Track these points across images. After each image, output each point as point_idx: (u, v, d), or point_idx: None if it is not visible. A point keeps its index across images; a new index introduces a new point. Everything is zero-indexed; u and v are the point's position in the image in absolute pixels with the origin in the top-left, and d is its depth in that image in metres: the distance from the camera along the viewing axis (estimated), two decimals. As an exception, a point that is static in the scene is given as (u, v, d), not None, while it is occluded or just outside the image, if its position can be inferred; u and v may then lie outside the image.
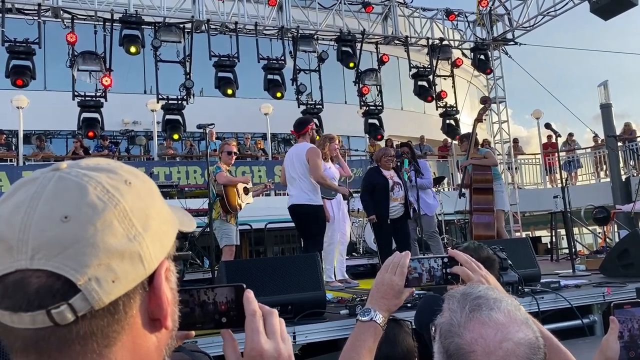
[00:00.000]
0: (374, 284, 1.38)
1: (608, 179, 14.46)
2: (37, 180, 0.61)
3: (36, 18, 9.05)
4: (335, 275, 6.32)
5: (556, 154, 12.37)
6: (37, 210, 0.58)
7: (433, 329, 1.15)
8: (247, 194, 6.80)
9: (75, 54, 9.16)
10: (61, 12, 9.32)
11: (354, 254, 9.05)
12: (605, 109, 13.44)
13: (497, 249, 3.35)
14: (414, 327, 2.38)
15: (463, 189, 7.43)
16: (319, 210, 5.88)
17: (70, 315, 0.57)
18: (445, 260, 1.33)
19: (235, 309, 0.80)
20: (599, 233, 11.63)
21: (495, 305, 1.07)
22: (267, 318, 0.80)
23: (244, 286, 0.81)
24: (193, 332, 0.82)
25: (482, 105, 7.80)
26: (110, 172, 0.63)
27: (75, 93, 9.21)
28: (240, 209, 6.70)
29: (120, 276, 0.59)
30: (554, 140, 12.74)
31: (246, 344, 0.78)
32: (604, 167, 15.71)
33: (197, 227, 8.74)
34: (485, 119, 7.98)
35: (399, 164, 6.90)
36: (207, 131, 6.38)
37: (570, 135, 16.72)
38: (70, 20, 9.34)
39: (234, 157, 6.89)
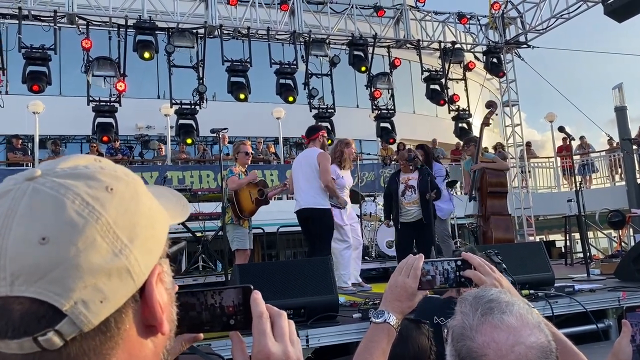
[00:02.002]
0: (388, 286, 1.38)
1: (623, 183, 14.31)
2: (10, 193, 0.56)
3: (52, 24, 9.17)
4: (350, 280, 6.30)
5: (571, 157, 12.26)
6: (12, 231, 0.54)
7: (445, 331, 1.15)
8: (262, 196, 6.77)
9: (90, 59, 9.26)
10: (76, 18, 9.43)
11: (366, 257, 9.04)
12: (620, 111, 13.33)
13: (492, 253, 3.38)
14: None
15: (473, 192, 7.38)
16: (328, 213, 5.94)
17: (59, 340, 0.54)
18: (459, 263, 1.33)
19: (243, 311, 0.78)
20: (614, 237, 11.51)
21: (507, 309, 1.07)
22: (276, 320, 0.77)
23: (252, 287, 0.79)
24: (202, 335, 0.80)
25: (488, 110, 7.77)
26: (90, 179, 0.58)
27: (90, 98, 9.31)
28: (253, 214, 6.71)
29: (109, 295, 0.56)
30: (568, 144, 12.63)
31: (253, 346, 0.76)
32: (619, 170, 15.56)
33: (210, 230, 8.79)
34: (491, 123, 7.92)
35: (412, 166, 6.84)
36: (220, 135, 6.42)
37: (582, 138, 16.57)
38: (85, 27, 9.45)
39: (250, 157, 6.95)
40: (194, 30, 9.92)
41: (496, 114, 9.14)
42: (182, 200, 0.74)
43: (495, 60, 12.18)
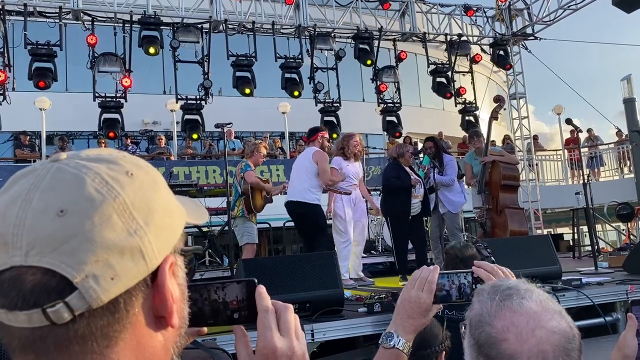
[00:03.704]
0: (400, 300, 1.29)
1: (632, 175, 14.20)
2: (36, 171, 0.59)
3: (57, 21, 9.19)
4: (349, 274, 6.30)
5: (578, 150, 12.17)
6: (33, 203, 0.55)
7: (463, 328, 1.12)
8: (268, 194, 6.86)
9: (96, 55, 9.29)
10: (81, 14, 9.46)
11: (372, 252, 9.03)
12: (629, 103, 13.19)
13: (482, 247, 3.42)
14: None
15: (483, 186, 7.32)
16: (316, 209, 5.99)
17: (67, 314, 0.54)
18: (476, 276, 1.25)
19: (247, 305, 0.77)
20: (623, 230, 11.43)
21: (526, 295, 1.03)
22: (282, 314, 0.76)
23: (256, 281, 0.78)
24: (205, 329, 0.79)
25: (497, 104, 7.70)
26: (111, 163, 0.60)
27: (96, 94, 9.34)
28: (262, 209, 6.77)
29: (120, 273, 0.56)
30: (576, 136, 12.56)
31: (258, 341, 0.75)
32: (628, 162, 15.43)
33: (217, 225, 8.80)
34: (499, 117, 7.84)
35: (417, 161, 6.87)
36: (224, 130, 6.43)
37: (590, 130, 16.45)
38: (90, 23, 9.48)
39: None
40: (199, 25, 9.92)
41: (504, 109, 9.09)
42: (202, 207, 0.75)
43: (502, 52, 12.10)
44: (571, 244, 10.37)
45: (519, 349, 0.97)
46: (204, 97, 9.79)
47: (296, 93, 10.18)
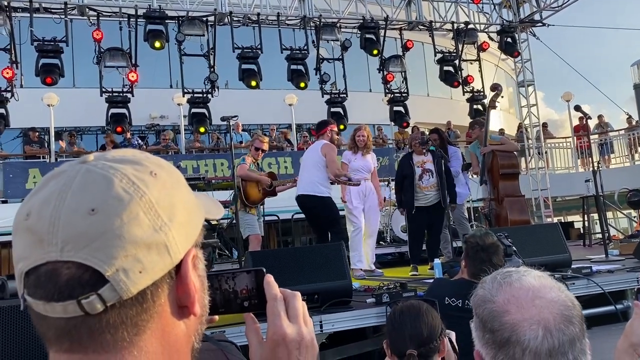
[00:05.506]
0: None
1: (643, 161, 14.07)
2: (65, 173, 0.63)
3: (63, 17, 9.21)
4: (362, 264, 6.30)
5: (588, 137, 12.06)
6: (65, 203, 0.59)
7: (471, 323, 1.12)
8: (270, 187, 6.80)
9: (102, 50, 9.31)
10: (87, 9, 9.47)
11: (381, 242, 9.01)
12: (639, 89, 13.05)
13: (502, 236, 3.40)
14: None
15: (484, 176, 7.28)
16: (326, 201, 6.02)
17: (100, 305, 0.58)
18: None
19: (257, 293, 0.80)
20: (634, 217, 11.35)
21: (525, 274, 1.09)
22: (290, 301, 0.79)
23: (264, 270, 0.81)
24: (217, 317, 0.82)
25: (494, 92, 7.64)
26: (136, 164, 0.64)
27: (103, 89, 9.36)
28: (258, 203, 6.75)
29: (147, 267, 0.60)
30: (585, 123, 12.45)
31: (268, 328, 0.77)
32: (639, 149, 15.29)
33: (225, 218, 8.83)
34: (497, 105, 7.76)
35: (426, 150, 6.77)
36: (230, 123, 6.43)
37: (600, 117, 16.29)
38: (95, 18, 9.48)
39: (261, 154, 6.95)
40: (204, 18, 9.90)
41: (502, 97, 8.96)
42: (218, 203, 0.81)
43: (509, 39, 11.98)
44: (582, 231, 10.31)
45: (520, 318, 1.02)
46: (210, 90, 9.79)
47: (302, 84, 10.15)
